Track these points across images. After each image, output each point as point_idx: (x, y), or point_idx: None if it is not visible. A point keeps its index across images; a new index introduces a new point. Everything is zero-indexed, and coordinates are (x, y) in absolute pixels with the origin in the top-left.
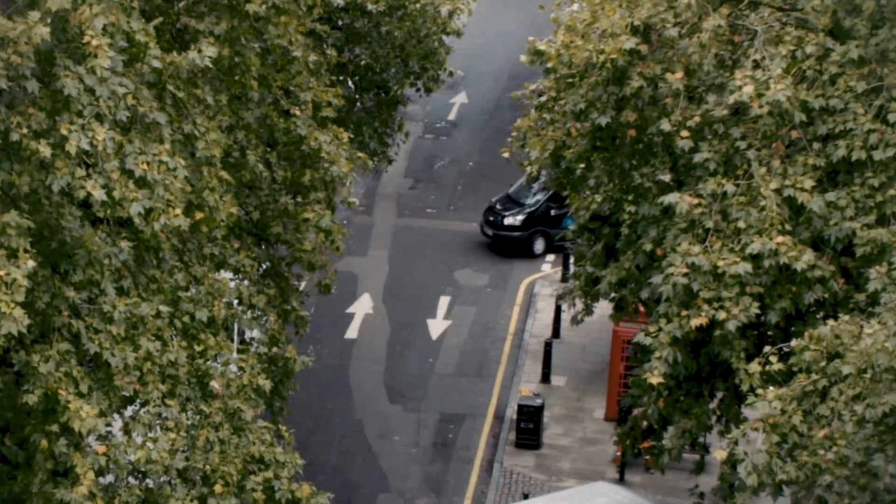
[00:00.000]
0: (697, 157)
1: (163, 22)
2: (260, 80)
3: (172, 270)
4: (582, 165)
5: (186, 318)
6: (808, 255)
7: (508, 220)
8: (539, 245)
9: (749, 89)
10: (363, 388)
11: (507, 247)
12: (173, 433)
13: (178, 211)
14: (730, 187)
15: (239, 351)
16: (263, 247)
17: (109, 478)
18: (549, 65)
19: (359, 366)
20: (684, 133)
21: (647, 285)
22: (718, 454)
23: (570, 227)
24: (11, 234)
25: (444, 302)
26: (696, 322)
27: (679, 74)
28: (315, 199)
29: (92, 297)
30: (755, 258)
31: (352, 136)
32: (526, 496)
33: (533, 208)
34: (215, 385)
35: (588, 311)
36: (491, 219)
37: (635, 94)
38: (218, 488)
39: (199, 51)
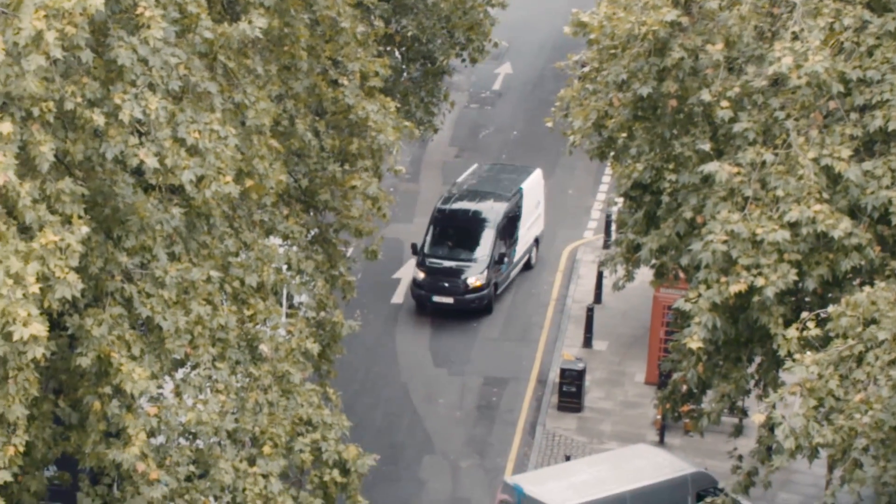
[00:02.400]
0: (737, 127)
1: None
2: (309, 50)
3: (223, 236)
4: (624, 135)
5: (236, 283)
6: (846, 223)
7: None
8: None
9: (788, 60)
10: (409, 352)
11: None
12: (223, 395)
13: (229, 178)
14: (769, 156)
15: (287, 315)
16: (312, 213)
17: (160, 439)
18: (592, 36)
19: (404, 330)
20: (724, 103)
21: (687, 252)
22: (757, 418)
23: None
24: (66, 201)
25: None
26: (735, 288)
27: (719, 46)
28: (362, 167)
29: (144, 263)
30: (793, 226)
31: (398, 105)
32: (568, 458)
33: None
34: (264, 348)
35: (629, 277)
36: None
37: (676, 65)
38: (266, 449)
39: (250, 21)
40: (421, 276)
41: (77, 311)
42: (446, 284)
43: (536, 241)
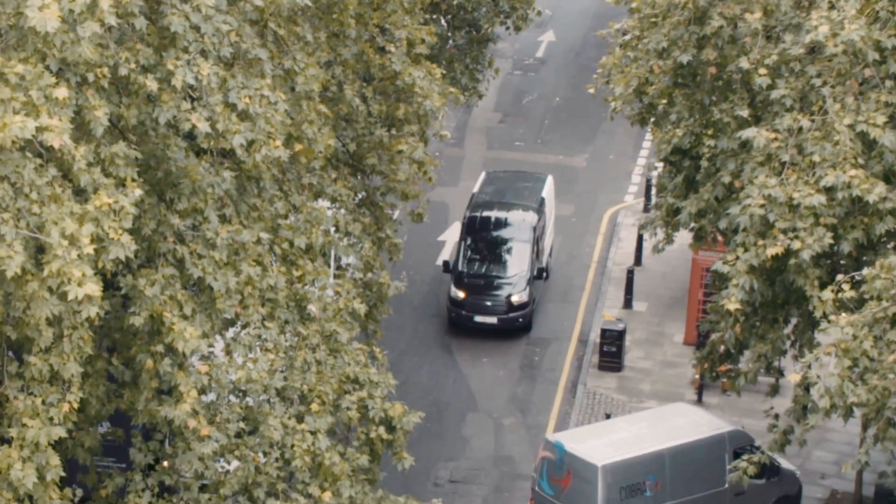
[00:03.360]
0: (775, 94)
1: None
2: (357, 17)
3: (273, 199)
4: (664, 101)
5: (286, 245)
6: (880, 188)
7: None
8: None
9: (824, 29)
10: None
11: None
12: (272, 354)
13: (279, 142)
14: (805, 123)
15: (335, 276)
16: (359, 177)
17: (211, 396)
18: (633, 5)
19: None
20: (762, 71)
21: (725, 216)
22: (792, 377)
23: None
24: (120, 164)
25: None
26: (772, 251)
27: (758, 14)
28: (409, 132)
29: (196, 225)
30: (829, 190)
31: (444, 72)
32: (608, 416)
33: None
34: (313, 308)
35: (669, 240)
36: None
37: (715, 34)
38: (314, 407)
39: None
40: (461, 295)
41: (130, 272)
42: (489, 303)
43: (550, 249)
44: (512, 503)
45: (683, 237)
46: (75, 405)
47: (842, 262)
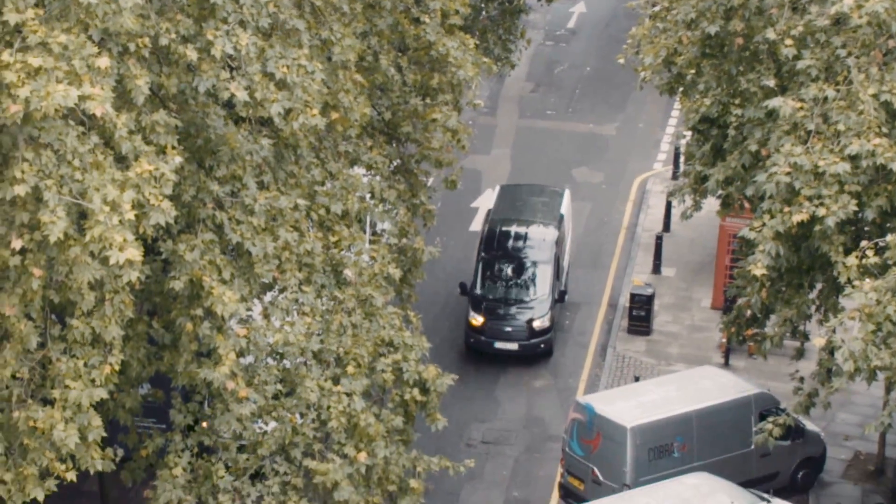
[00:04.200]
0: (800, 64)
1: None
2: None
3: (309, 166)
4: (692, 71)
5: (322, 211)
6: None
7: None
8: None
9: (849, 0)
10: None
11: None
12: (309, 318)
13: (316, 111)
14: (830, 92)
15: (371, 242)
16: (394, 145)
17: (249, 358)
18: None
19: None
20: (788, 41)
21: (752, 183)
22: (817, 341)
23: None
24: (160, 132)
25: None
26: (797, 218)
27: None
28: (443, 101)
29: (234, 191)
30: (854, 158)
31: (477, 42)
32: (637, 379)
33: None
34: (348, 273)
35: (696, 206)
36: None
37: (743, 5)
38: (350, 369)
39: None
40: (480, 320)
41: (170, 237)
42: (509, 329)
43: (568, 265)
44: (543, 464)
45: (711, 204)
46: (116, 367)
47: (866, 228)
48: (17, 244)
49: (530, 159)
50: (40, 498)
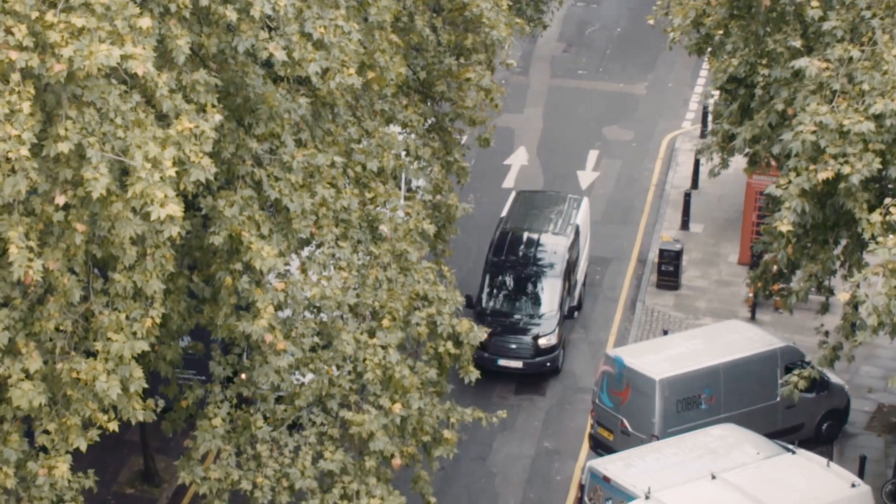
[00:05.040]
0: (826, 25)
1: None
2: None
3: (346, 124)
4: (720, 32)
5: (358, 168)
6: None
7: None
8: None
9: None
10: None
11: None
12: (345, 272)
13: (352, 70)
14: (855, 53)
15: (406, 198)
16: (429, 104)
17: (287, 312)
18: None
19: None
20: (814, 3)
21: (778, 142)
22: (842, 296)
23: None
24: (200, 91)
25: (592, 155)
26: (822, 175)
27: None
28: (476, 61)
29: (273, 148)
30: (878, 118)
31: (510, 3)
32: (665, 332)
33: None
34: (384, 229)
35: (724, 164)
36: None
37: None
38: (385, 322)
39: None
40: (483, 335)
41: (210, 193)
42: (513, 346)
43: (585, 276)
44: (573, 415)
45: (738, 162)
46: (157, 320)
47: (889, 185)
48: (60, 200)
49: (562, 118)
50: (83, 447)
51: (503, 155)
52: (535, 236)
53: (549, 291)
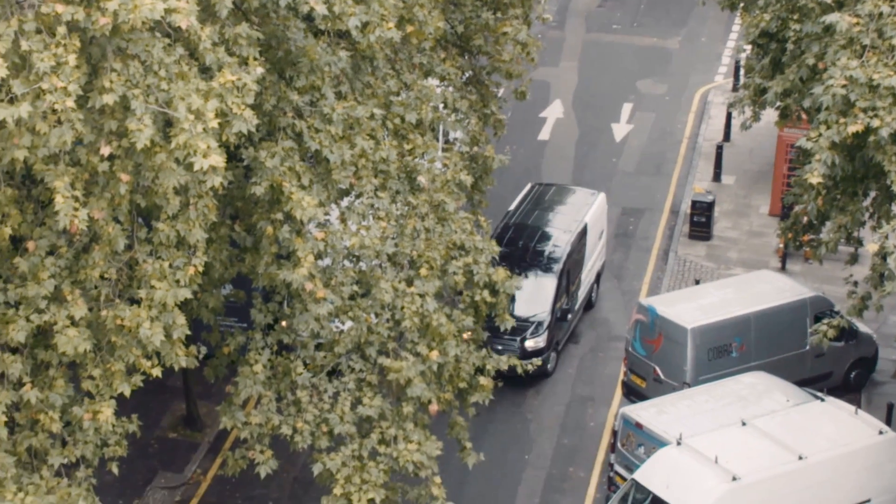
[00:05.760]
0: None
1: None
2: None
3: (385, 77)
4: None
5: (397, 120)
6: None
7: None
8: None
9: None
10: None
11: None
12: (384, 222)
13: (391, 24)
14: (885, 8)
15: (443, 150)
16: (466, 57)
17: (327, 261)
18: None
19: (550, 164)
20: None
21: (809, 95)
22: (870, 247)
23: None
24: (242, 44)
25: (626, 108)
26: (852, 128)
27: None
28: (513, 15)
29: (313, 101)
30: None
31: None
32: (697, 282)
33: None
34: (422, 179)
35: (756, 117)
36: None
37: None
38: (423, 271)
39: None
40: (467, 334)
41: (252, 145)
42: (499, 346)
43: (598, 275)
44: (606, 363)
45: (769, 115)
46: (200, 268)
47: None
48: (105, 151)
49: (596, 71)
50: (127, 393)
51: (539, 108)
52: (535, 233)
53: (542, 292)
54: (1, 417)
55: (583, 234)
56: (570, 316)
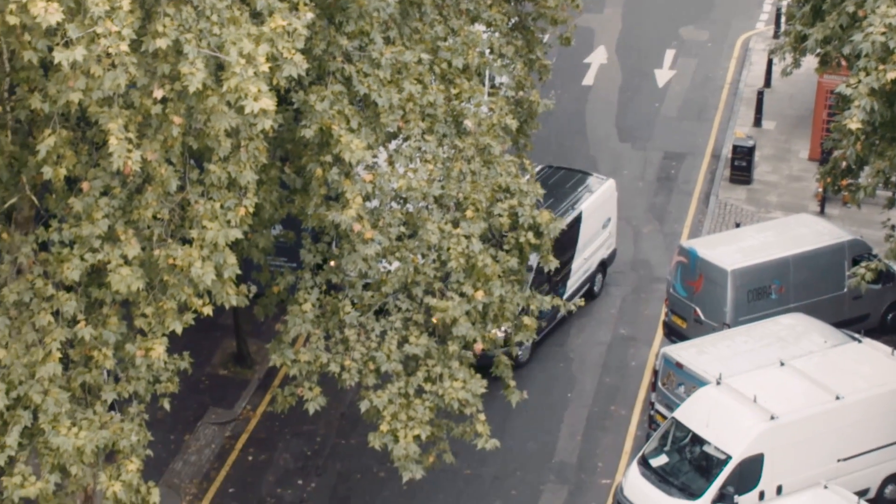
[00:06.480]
0: None
1: None
2: None
3: (433, 23)
4: None
5: (444, 65)
6: None
7: None
8: None
9: None
10: (597, 128)
11: None
12: (431, 165)
13: None
14: None
15: (489, 94)
16: (512, 3)
17: (375, 202)
18: None
19: (594, 109)
20: None
21: (849, 42)
22: None
23: None
24: None
25: (669, 54)
26: (891, 75)
27: None
28: None
29: (362, 46)
30: None
31: None
32: (738, 225)
33: None
34: (468, 123)
35: (796, 64)
36: None
37: None
38: (469, 213)
39: None
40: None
41: (302, 88)
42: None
43: (603, 265)
44: (648, 303)
45: (810, 62)
46: (251, 209)
47: None
48: (158, 94)
49: (640, 18)
50: (178, 330)
51: (583, 53)
52: None
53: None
54: (56, 354)
55: (575, 222)
56: (560, 313)
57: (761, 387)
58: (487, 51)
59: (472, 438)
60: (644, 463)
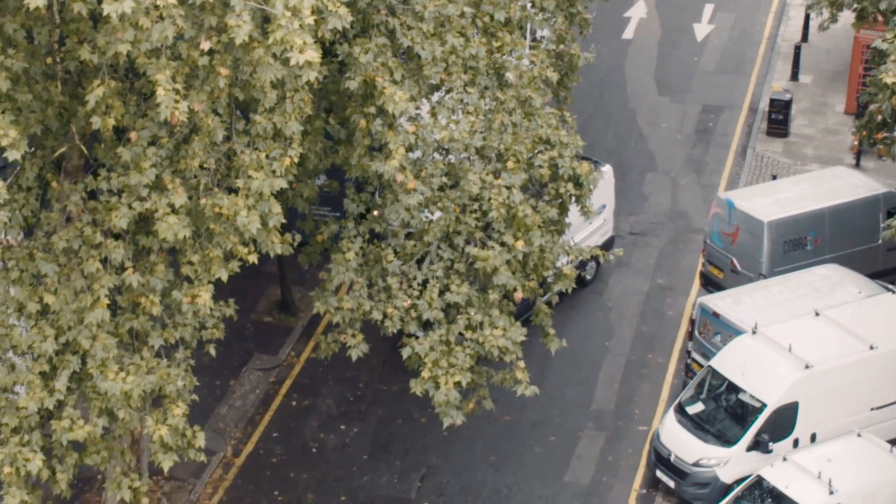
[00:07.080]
0: None
1: None
2: None
3: None
4: None
5: (487, 18)
6: None
7: None
8: None
9: None
10: (636, 81)
11: None
12: (473, 116)
13: None
14: None
15: (531, 47)
16: None
17: (417, 153)
18: None
19: (633, 62)
20: None
21: None
22: None
23: None
24: None
25: (708, 8)
26: None
27: None
28: None
29: None
30: None
31: None
32: (774, 177)
33: None
34: (510, 76)
35: (833, 19)
36: None
37: None
38: (510, 164)
39: None
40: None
41: (347, 41)
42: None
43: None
44: (685, 254)
45: (846, 17)
46: (295, 159)
47: None
48: (205, 45)
49: None
50: (224, 278)
51: (623, 7)
52: None
53: None
54: (104, 300)
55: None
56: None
57: (796, 336)
58: (529, 4)
59: (511, 385)
60: (680, 410)
